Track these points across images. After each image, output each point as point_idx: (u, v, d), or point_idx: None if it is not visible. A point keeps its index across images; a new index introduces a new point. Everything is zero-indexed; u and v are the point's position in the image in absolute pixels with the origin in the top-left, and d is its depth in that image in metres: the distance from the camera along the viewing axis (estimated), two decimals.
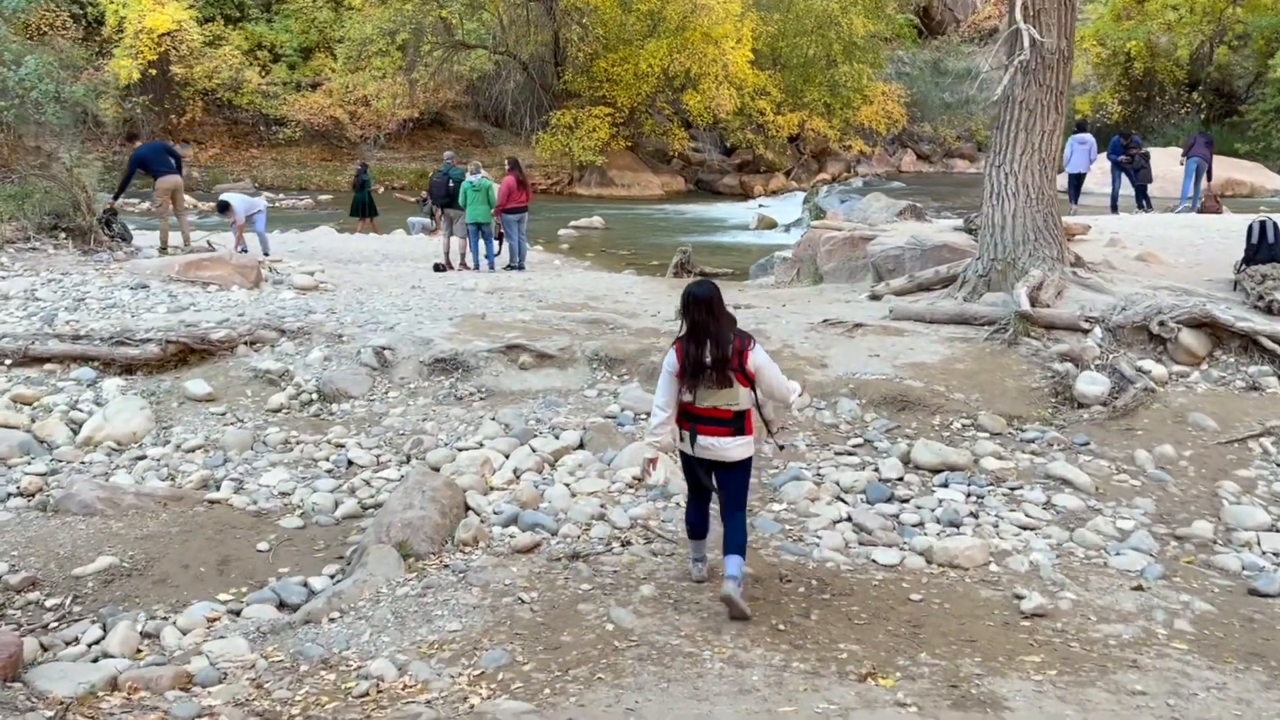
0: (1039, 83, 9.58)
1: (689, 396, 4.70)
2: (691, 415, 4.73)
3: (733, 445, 4.71)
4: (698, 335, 4.64)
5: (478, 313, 10.02)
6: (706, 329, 4.62)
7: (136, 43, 31.31)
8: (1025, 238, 9.82)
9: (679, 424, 4.81)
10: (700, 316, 4.64)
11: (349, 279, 12.22)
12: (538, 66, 33.74)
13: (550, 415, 7.54)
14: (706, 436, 4.71)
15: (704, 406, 4.68)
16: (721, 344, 4.61)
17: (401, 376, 8.33)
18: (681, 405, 4.76)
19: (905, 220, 14.07)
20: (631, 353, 8.59)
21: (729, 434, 4.69)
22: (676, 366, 4.71)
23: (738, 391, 4.66)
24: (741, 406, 4.70)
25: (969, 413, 7.68)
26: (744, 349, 4.63)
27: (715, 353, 4.59)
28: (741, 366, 4.62)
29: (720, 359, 4.60)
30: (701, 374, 4.62)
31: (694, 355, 4.62)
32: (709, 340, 4.61)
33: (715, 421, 4.68)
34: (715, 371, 4.61)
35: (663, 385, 4.79)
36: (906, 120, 35.84)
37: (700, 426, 4.71)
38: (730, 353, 4.61)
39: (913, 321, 9.46)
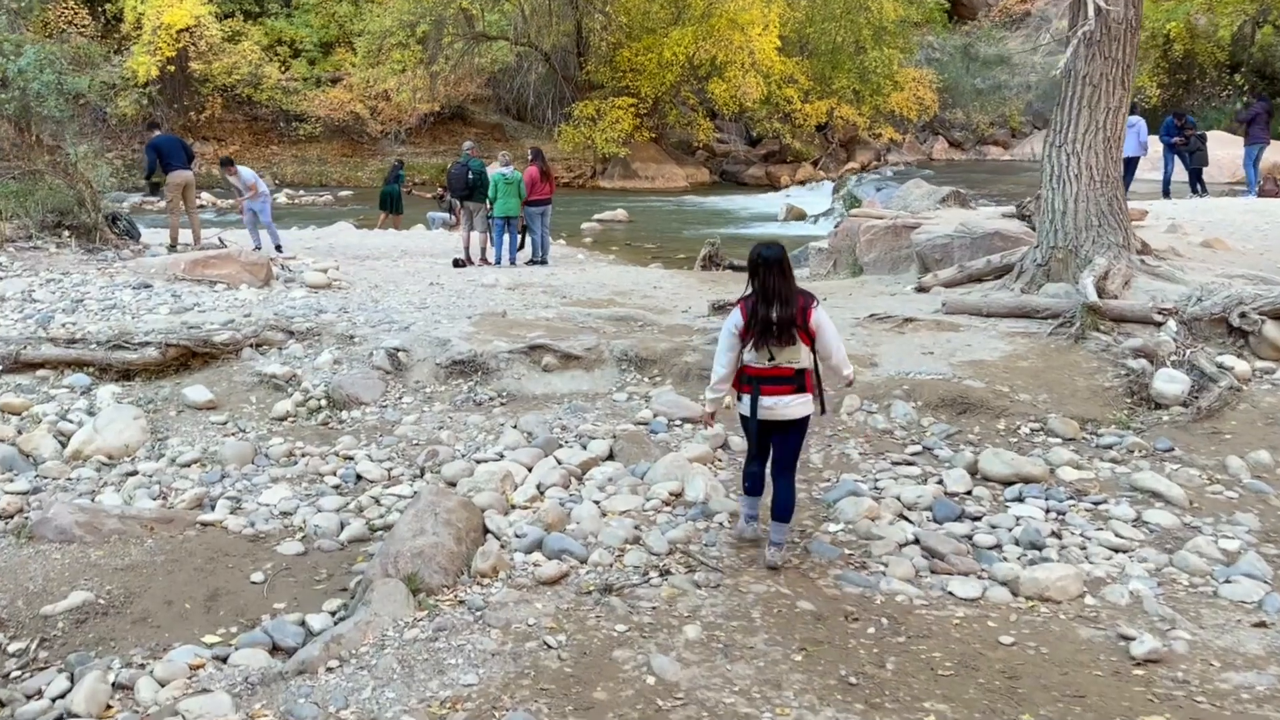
0: (1104, 55, 8.82)
1: (751, 356, 4.78)
2: (753, 376, 4.82)
3: (794, 403, 4.82)
4: (767, 295, 4.71)
5: (498, 310, 9.40)
6: (777, 290, 4.70)
7: (155, 39, 30.95)
8: (1088, 223, 9.07)
9: (739, 387, 4.91)
10: (770, 278, 4.72)
11: (365, 276, 11.64)
12: (560, 57, 33.11)
13: (576, 422, 6.91)
14: (769, 396, 4.79)
15: (766, 366, 4.77)
16: (789, 303, 4.70)
17: (417, 380, 7.72)
18: (744, 368, 4.85)
19: (949, 207, 13.32)
20: (663, 352, 7.94)
21: (791, 391, 4.80)
22: (741, 326, 4.78)
23: (800, 349, 4.76)
24: (803, 364, 4.80)
25: (1037, 416, 6.97)
26: (807, 306, 4.74)
27: (783, 312, 4.68)
28: (805, 324, 4.72)
29: (787, 318, 4.69)
30: (769, 332, 4.70)
31: (762, 315, 4.70)
32: (778, 300, 4.69)
33: (777, 380, 4.78)
34: (781, 330, 4.69)
35: (724, 344, 4.87)
36: (938, 107, 34.87)
37: (764, 387, 4.79)
38: (795, 311, 4.70)
39: (967, 315, 8.75)
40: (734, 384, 4.96)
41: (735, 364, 4.87)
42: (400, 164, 21.69)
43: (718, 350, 4.96)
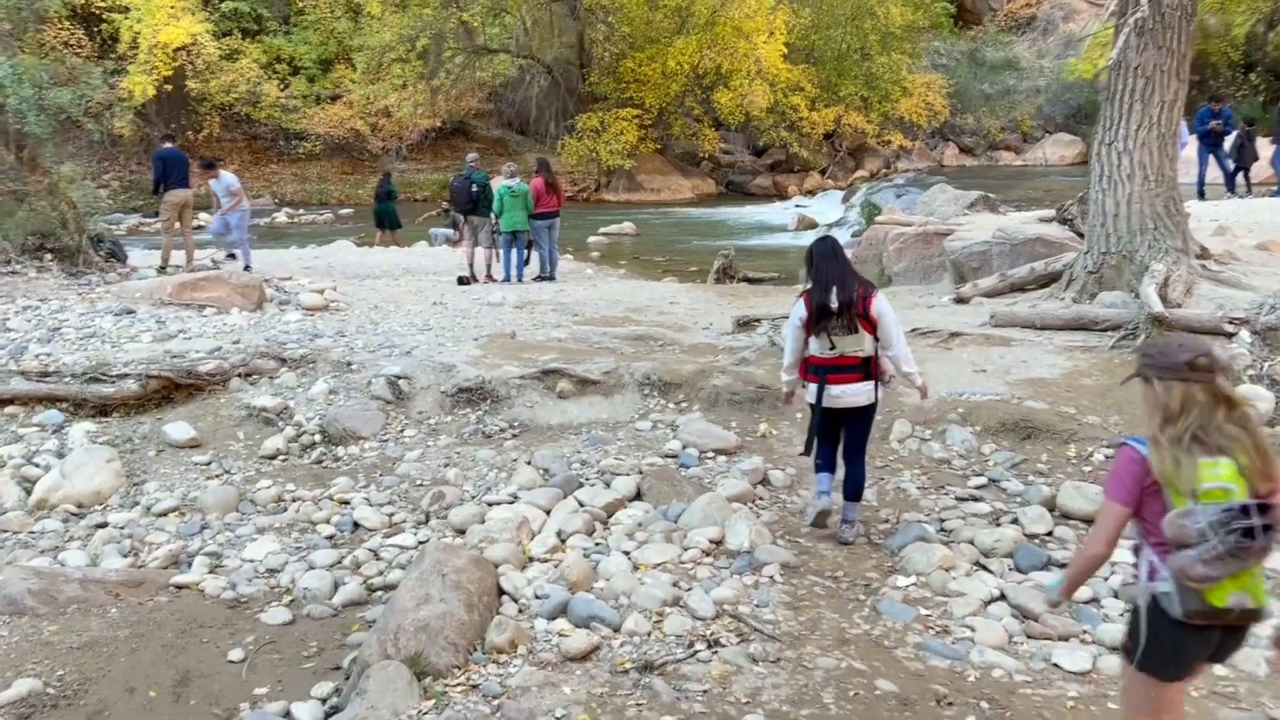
0: (1157, 44, 8.15)
1: (817, 346, 4.89)
2: (820, 366, 4.91)
3: (862, 390, 4.90)
4: (825, 283, 4.82)
5: (507, 331, 8.72)
6: (835, 277, 4.82)
7: (151, 58, 30.41)
8: (1143, 226, 8.39)
9: (806, 376, 5.02)
10: (826, 266, 4.87)
11: (364, 296, 10.97)
12: (562, 69, 32.52)
13: (597, 456, 6.21)
14: (837, 385, 4.88)
15: (832, 355, 4.86)
16: (848, 288, 4.79)
17: (420, 411, 7.03)
18: (809, 359, 4.96)
19: (979, 213, 12.64)
20: (689, 375, 7.25)
21: (858, 379, 4.88)
22: (805, 316, 4.88)
23: (863, 337, 4.85)
24: (867, 352, 4.88)
25: (1110, 440, 6.26)
26: (868, 295, 4.84)
27: (842, 296, 4.77)
28: (866, 313, 4.81)
29: (846, 302, 4.78)
30: (829, 319, 4.80)
31: (821, 300, 4.80)
32: (835, 286, 4.79)
33: (844, 369, 4.87)
34: (842, 317, 4.78)
35: (790, 336, 5.02)
36: (948, 112, 34.25)
37: (830, 376, 4.89)
38: (855, 298, 4.79)
39: (1019, 329, 8.05)
40: (801, 373, 5.07)
41: (800, 353, 4.99)
42: (388, 176, 20.94)
43: (785, 339, 5.14)
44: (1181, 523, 2.61)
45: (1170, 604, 2.66)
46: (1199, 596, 2.61)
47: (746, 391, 7.00)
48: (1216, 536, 2.55)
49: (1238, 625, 2.70)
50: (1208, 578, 2.57)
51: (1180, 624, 2.65)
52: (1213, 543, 2.55)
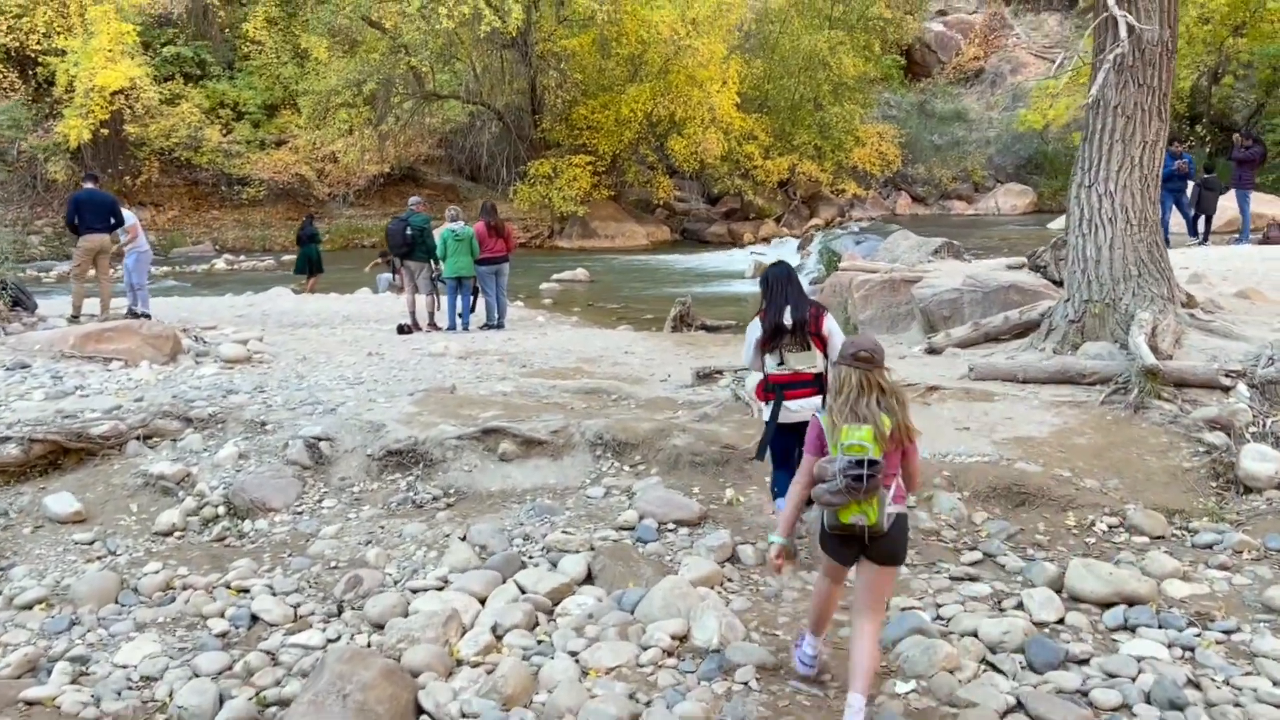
0: (1138, 82, 7.72)
1: (771, 363, 5.15)
2: (776, 384, 5.15)
3: (816, 404, 5.01)
4: (779, 303, 5.10)
5: (446, 385, 7.96)
6: (786, 296, 5.12)
7: (87, 102, 29.41)
8: (1126, 273, 7.90)
9: (763, 396, 5.22)
10: (780, 288, 5.15)
11: (293, 347, 10.15)
12: (514, 116, 32.07)
13: (543, 529, 5.46)
14: (793, 400, 5.10)
15: (786, 372, 5.12)
16: (800, 308, 5.09)
17: (342, 477, 6.23)
18: (767, 376, 5.19)
19: (944, 259, 12.17)
20: (646, 434, 6.53)
21: (813, 394, 5.09)
22: (761, 334, 5.14)
23: (814, 354, 5.12)
24: (819, 369, 5.12)
25: (1112, 507, 5.66)
26: (819, 314, 5.14)
27: (795, 315, 5.06)
28: (818, 330, 5.09)
29: (800, 321, 5.06)
30: (783, 336, 5.08)
31: (776, 320, 5.07)
32: (788, 305, 5.08)
33: (799, 385, 5.11)
34: (795, 334, 5.07)
35: (749, 354, 5.25)
36: (900, 162, 34.32)
37: (787, 392, 5.12)
38: (808, 316, 5.08)
39: (1000, 382, 7.47)
40: (759, 393, 5.29)
41: (758, 363, 5.21)
42: (310, 219, 20.15)
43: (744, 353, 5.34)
44: (825, 465, 3.60)
45: (824, 516, 3.66)
46: (834, 515, 3.59)
47: (710, 452, 6.30)
48: (840, 478, 3.50)
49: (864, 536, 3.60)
50: (832, 504, 3.55)
51: (829, 532, 3.68)
52: (836, 482, 3.51)
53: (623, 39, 28.93)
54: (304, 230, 19.01)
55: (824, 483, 3.55)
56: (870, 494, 3.49)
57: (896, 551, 3.72)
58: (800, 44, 31.40)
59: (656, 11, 28.44)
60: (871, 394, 3.57)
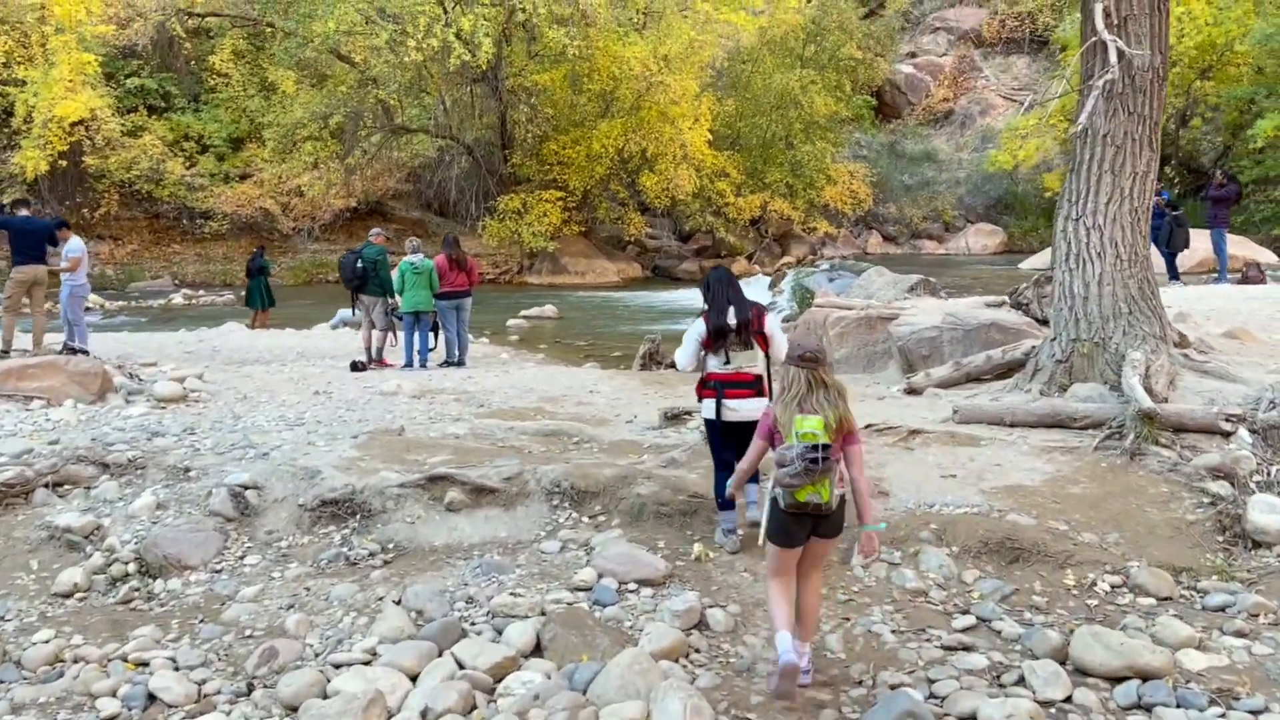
0: (1128, 110, 7.38)
1: (715, 362, 5.23)
2: (718, 383, 5.22)
3: (757, 406, 5.04)
4: (722, 304, 5.19)
5: (394, 426, 7.39)
6: (729, 297, 5.22)
7: (45, 133, 28.71)
8: (1116, 311, 7.50)
9: (704, 393, 5.29)
10: (722, 289, 5.27)
11: (236, 385, 9.54)
12: (483, 150, 31.69)
13: (489, 590, 4.89)
14: (732, 399, 5.18)
15: (729, 371, 5.20)
16: (742, 308, 5.19)
17: (269, 530, 5.64)
18: (707, 375, 5.27)
19: (920, 297, 11.79)
20: (607, 481, 6.00)
21: (751, 395, 5.17)
22: (704, 334, 5.22)
23: (756, 354, 5.21)
24: (759, 370, 5.22)
25: (1114, 564, 5.19)
26: (761, 314, 5.26)
27: (739, 315, 5.16)
28: (761, 329, 5.20)
29: (743, 320, 5.16)
30: (726, 336, 5.15)
31: (719, 320, 5.16)
32: (731, 305, 5.18)
33: (739, 385, 5.18)
34: (738, 333, 5.15)
35: (688, 351, 5.33)
36: (871, 200, 34.27)
37: (727, 391, 5.19)
38: (750, 316, 5.18)
39: (986, 425, 7.01)
40: (699, 391, 5.36)
41: (695, 364, 5.31)
42: (261, 250, 19.55)
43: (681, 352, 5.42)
44: (783, 452, 3.93)
45: (779, 499, 3.97)
46: (791, 495, 3.91)
47: (677, 502, 5.78)
48: (798, 462, 3.85)
49: (817, 514, 3.96)
50: (791, 485, 3.88)
51: (784, 512, 3.97)
52: (795, 466, 3.86)
53: (594, 74, 28.71)
54: (253, 262, 18.39)
55: (784, 467, 3.91)
56: (824, 475, 3.91)
57: (840, 524, 4.12)
58: (772, 82, 31.36)
59: (629, 48, 28.25)
60: (818, 390, 4.02)
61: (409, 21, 25.80)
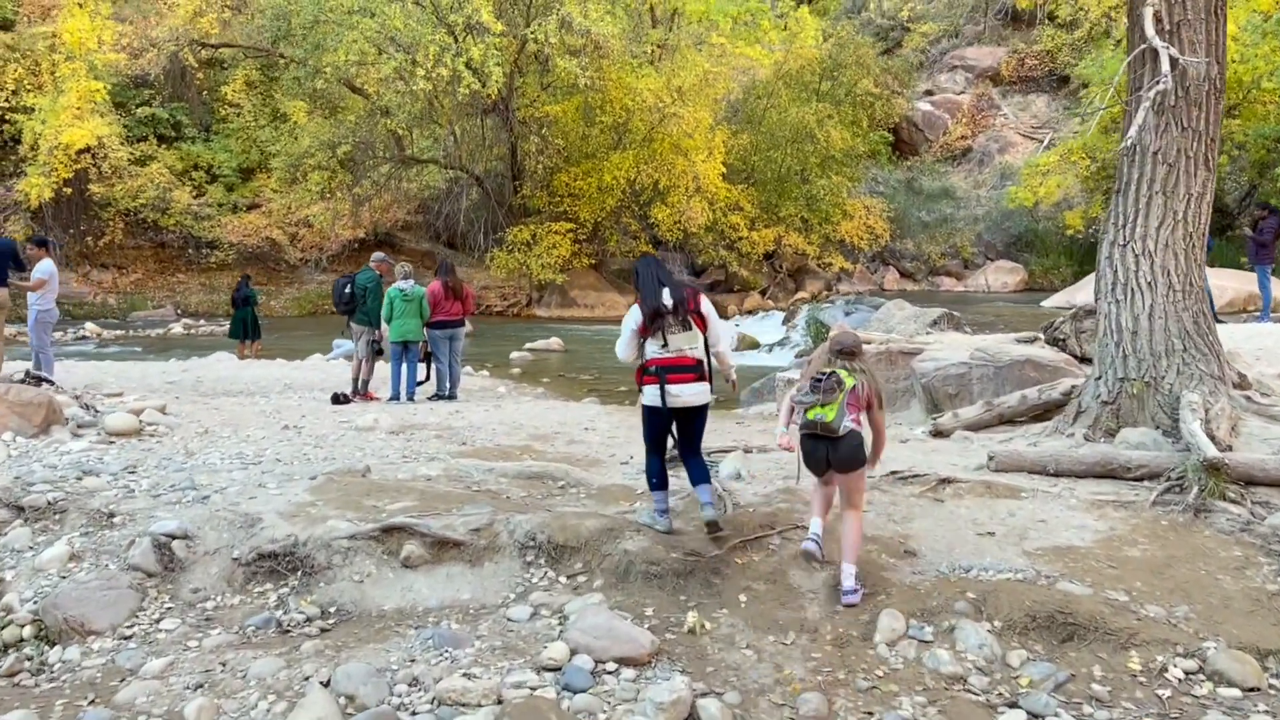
0: (1181, 125, 6.63)
1: (654, 346, 5.15)
2: (660, 368, 5.14)
3: (699, 390, 5.18)
4: (655, 287, 5.16)
5: (359, 466, 6.61)
6: (660, 279, 5.21)
7: (51, 160, 28.39)
8: (1169, 347, 6.70)
9: (646, 380, 5.20)
10: (653, 273, 5.25)
11: (201, 417, 8.81)
12: (494, 181, 31.20)
13: (440, 669, 4.09)
14: (675, 385, 5.13)
15: (670, 355, 5.13)
16: (676, 288, 5.20)
17: (195, 589, 4.86)
18: (648, 361, 5.18)
19: (944, 331, 10.99)
20: (591, 535, 5.20)
21: (694, 379, 5.16)
22: (640, 321, 5.15)
23: (696, 335, 5.18)
24: (700, 353, 5.20)
25: (1186, 645, 4.35)
26: (695, 294, 5.27)
27: (674, 295, 5.14)
28: (697, 309, 5.20)
29: (679, 300, 5.13)
30: (663, 317, 5.11)
31: (654, 304, 5.11)
32: (665, 287, 5.17)
33: (681, 369, 5.14)
34: (676, 314, 5.11)
35: (625, 344, 5.26)
36: (889, 236, 33.55)
37: (670, 376, 5.13)
38: (685, 297, 5.18)
39: (1026, 474, 6.19)
40: (639, 379, 5.23)
41: (635, 353, 5.20)
42: (246, 279, 18.94)
43: (620, 343, 5.31)
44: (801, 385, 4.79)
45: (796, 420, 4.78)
46: (803, 414, 4.70)
47: (669, 560, 4.98)
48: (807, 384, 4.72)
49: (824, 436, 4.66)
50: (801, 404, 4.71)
51: (801, 433, 4.76)
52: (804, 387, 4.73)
53: (607, 105, 28.22)
54: (239, 292, 17.77)
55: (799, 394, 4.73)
56: (828, 397, 4.59)
57: (851, 459, 4.70)
58: (788, 116, 30.79)
59: (642, 79, 27.78)
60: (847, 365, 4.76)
61: (419, 50, 25.39)
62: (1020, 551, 5.11)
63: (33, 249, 10.90)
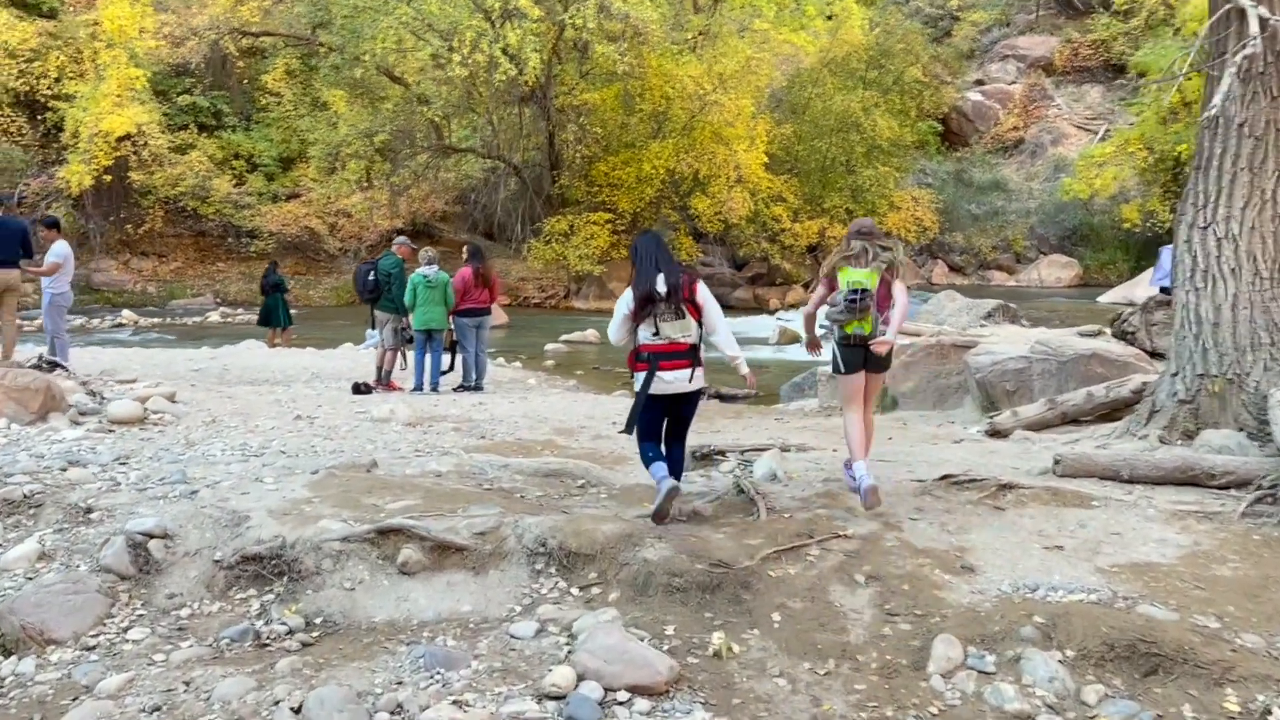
0: (1271, 93, 5.96)
1: (646, 334, 5.00)
2: (652, 354, 4.98)
3: (688, 375, 5.01)
4: (648, 269, 4.97)
5: (364, 461, 6.16)
6: (656, 263, 5.00)
7: (91, 147, 28.46)
8: (1255, 340, 6.05)
9: (637, 366, 5.05)
10: (649, 255, 5.05)
11: (211, 406, 8.43)
12: (531, 171, 30.78)
13: (428, 694, 3.61)
14: (668, 371, 4.98)
15: (662, 342, 4.97)
16: (672, 274, 4.97)
17: (171, 594, 4.42)
18: (639, 347, 5.03)
19: (999, 324, 10.32)
20: (607, 541, 4.68)
21: (687, 366, 5.01)
22: (632, 305, 5.01)
23: (689, 323, 5.00)
24: (694, 339, 5.03)
25: None
26: (692, 281, 5.05)
27: (668, 281, 4.94)
28: (691, 298, 4.99)
29: (673, 287, 4.93)
30: (656, 304, 4.93)
31: (647, 288, 4.93)
32: (660, 273, 4.95)
33: (674, 355, 4.98)
34: (668, 302, 4.93)
35: (616, 326, 5.15)
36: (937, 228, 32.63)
37: (662, 363, 4.97)
38: (681, 283, 4.97)
39: (1096, 480, 5.57)
40: (631, 364, 5.11)
41: (627, 337, 5.07)
42: (274, 266, 18.57)
43: (611, 326, 5.21)
44: (835, 298, 5.18)
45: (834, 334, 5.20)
46: (841, 330, 5.16)
47: (694, 572, 4.44)
48: (843, 303, 5.08)
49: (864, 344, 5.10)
50: (839, 320, 5.12)
51: (840, 345, 5.23)
52: (841, 306, 5.09)
53: (646, 93, 27.68)
54: (267, 279, 17.44)
55: (834, 308, 5.09)
56: (864, 313, 5.02)
57: (886, 361, 5.22)
58: (833, 104, 30.03)
59: (683, 66, 27.18)
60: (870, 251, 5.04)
61: (456, 37, 25.01)
62: (1093, 568, 4.52)
63: (45, 230, 10.60)
